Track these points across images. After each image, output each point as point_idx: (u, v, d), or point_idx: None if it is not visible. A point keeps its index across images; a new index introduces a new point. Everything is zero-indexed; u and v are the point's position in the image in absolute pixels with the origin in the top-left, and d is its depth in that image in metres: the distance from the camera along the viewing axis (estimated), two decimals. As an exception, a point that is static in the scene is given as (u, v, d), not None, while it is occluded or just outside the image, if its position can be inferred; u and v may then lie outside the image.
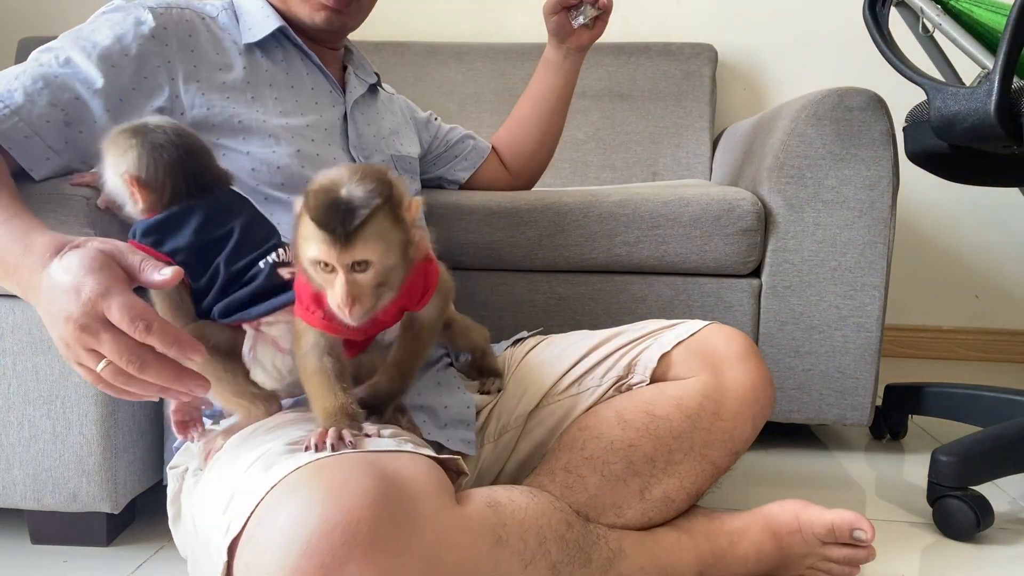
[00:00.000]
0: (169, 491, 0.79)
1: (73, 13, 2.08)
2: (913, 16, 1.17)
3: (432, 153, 1.20)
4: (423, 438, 0.76)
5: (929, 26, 1.14)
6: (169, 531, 0.80)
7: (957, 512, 0.98)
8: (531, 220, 1.20)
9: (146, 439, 0.91)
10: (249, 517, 0.57)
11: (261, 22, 0.91)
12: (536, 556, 0.65)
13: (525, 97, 1.22)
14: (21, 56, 1.91)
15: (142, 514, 1.00)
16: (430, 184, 1.24)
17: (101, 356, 0.59)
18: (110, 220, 0.82)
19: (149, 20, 0.84)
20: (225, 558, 0.58)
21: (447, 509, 0.60)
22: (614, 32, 2.04)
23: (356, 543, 0.53)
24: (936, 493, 1.01)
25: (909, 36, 1.19)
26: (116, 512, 0.89)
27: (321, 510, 0.54)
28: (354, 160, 0.93)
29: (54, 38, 0.86)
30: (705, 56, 1.88)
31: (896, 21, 1.16)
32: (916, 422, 1.47)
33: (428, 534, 0.57)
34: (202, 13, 0.90)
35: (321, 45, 0.98)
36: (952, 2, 1.12)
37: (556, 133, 1.24)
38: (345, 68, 1.01)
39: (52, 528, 0.92)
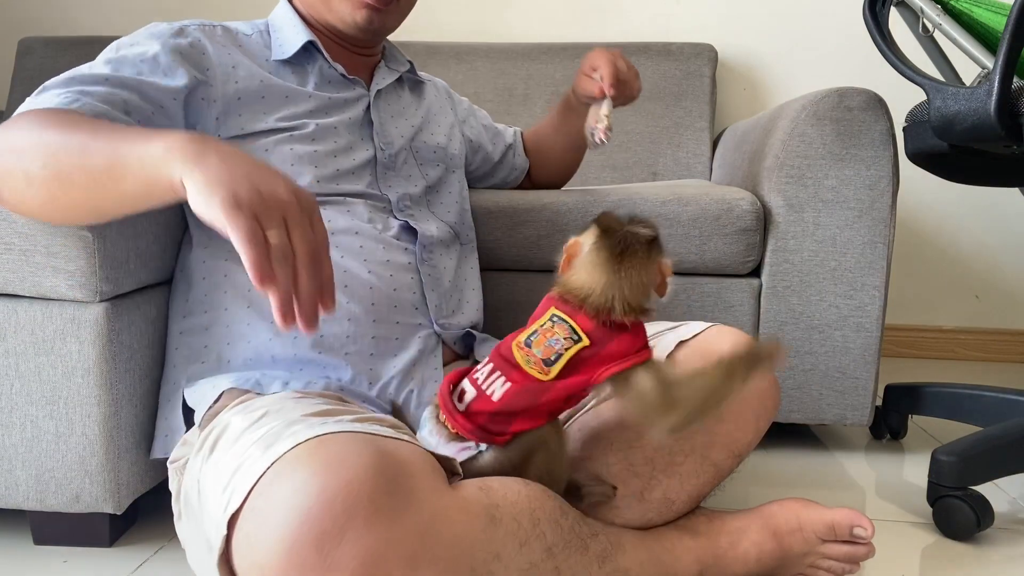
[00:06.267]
0: (172, 487, 0.79)
1: (73, 13, 2.09)
2: (913, 16, 1.17)
3: (481, 163, 1.23)
4: None
5: (929, 26, 1.15)
6: (170, 531, 0.80)
7: (957, 512, 0.98)
8: (529, 220, 1.20)
9: (149, 440, 0.91)
10: (250, 491, 0.58)
11: (291, 38, 0.95)
12: (531, 537, 0.65)
13: (555, 130, 1.24)
14: (21, 56, 1.91)
15: (145, 515, 1.00)
16: (486, 186, 1.28)
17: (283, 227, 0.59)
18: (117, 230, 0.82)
19: (187, 33, 0.89)
20: (224, 532, 0.59)
21: (442, 488, 0.61)
22: (614, 32, 2.05)
23: (356, 512, 0.54)
24: (936, 493, 1.01)
25: (909, 36, 1.19)
26: (119, 513, 0.89)
27: (322, 480, 0.55)
28: (377, 150, 0.96)
29: (54, 38, 0.87)
30: (705, 56, 1.89)
31: (896, 21, 1.16)
32: (916, 422, 1.48)
33: (425, 509, 0.58)
34: (235, 30, 0.95)
35: (355, 51, 0.99)
36: (952, 2, 1.12)
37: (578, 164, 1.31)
38: (378, 63, 1.03)
39: (55, 529, 0.92)
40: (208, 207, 0.59)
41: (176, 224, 0.93)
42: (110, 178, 0.66)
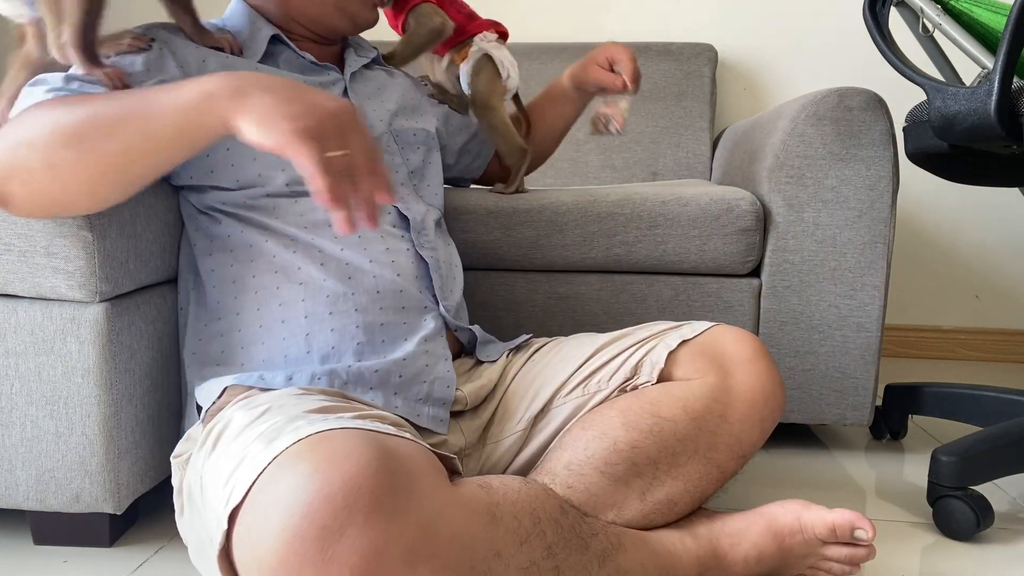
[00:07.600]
0: (174, 481, 0.79)
1: (73, 13, 2.08)
2: (913, 16, 1.17)
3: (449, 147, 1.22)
4: (393, 412, 0.79)
5: (929, 26, 1.15)
6: (170, 531, 0.80)
7: (957, 512, 0.99)
8: (529, 220, 1.20)
9: (149, 440, 0.91)
10: (251, 486, 0.58)
11: (254, 36, 0.94)
12: (531, 535, 0.65)
13: (541, 119, 1.25)
14: (21, 56, 1.90)
15: (145, 515, 1.00)
16: (450, 182, 1.27)
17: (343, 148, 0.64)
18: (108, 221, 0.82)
19: (153, 35, 0.90)
20: (225, 526, 0.59)
21: (443, 486, 0.61)
22: (614, 32, 2.05)
23: (357, 507, 0.54)
24: (936, 493, 1.01)
25: (909, 36, 1.19)
26: (119, 513, 0.89)
27: (324, 475, 0.55)
28: None
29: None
30: (705, 56, 1.89)
31: (896, 21, 1.16)
32: (916, 422, 1.48)
33: (426, 506, 0.58)
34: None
35: (325, 42, 1.00)
36: (952, 2, 1.12)
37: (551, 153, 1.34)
38: (344, 51, 1.04)
39: (55, 529, 0.92)
40: (269, 138, 0.63)
41: (176, 224, 0.93)
42: (140, 132, 0.68)
